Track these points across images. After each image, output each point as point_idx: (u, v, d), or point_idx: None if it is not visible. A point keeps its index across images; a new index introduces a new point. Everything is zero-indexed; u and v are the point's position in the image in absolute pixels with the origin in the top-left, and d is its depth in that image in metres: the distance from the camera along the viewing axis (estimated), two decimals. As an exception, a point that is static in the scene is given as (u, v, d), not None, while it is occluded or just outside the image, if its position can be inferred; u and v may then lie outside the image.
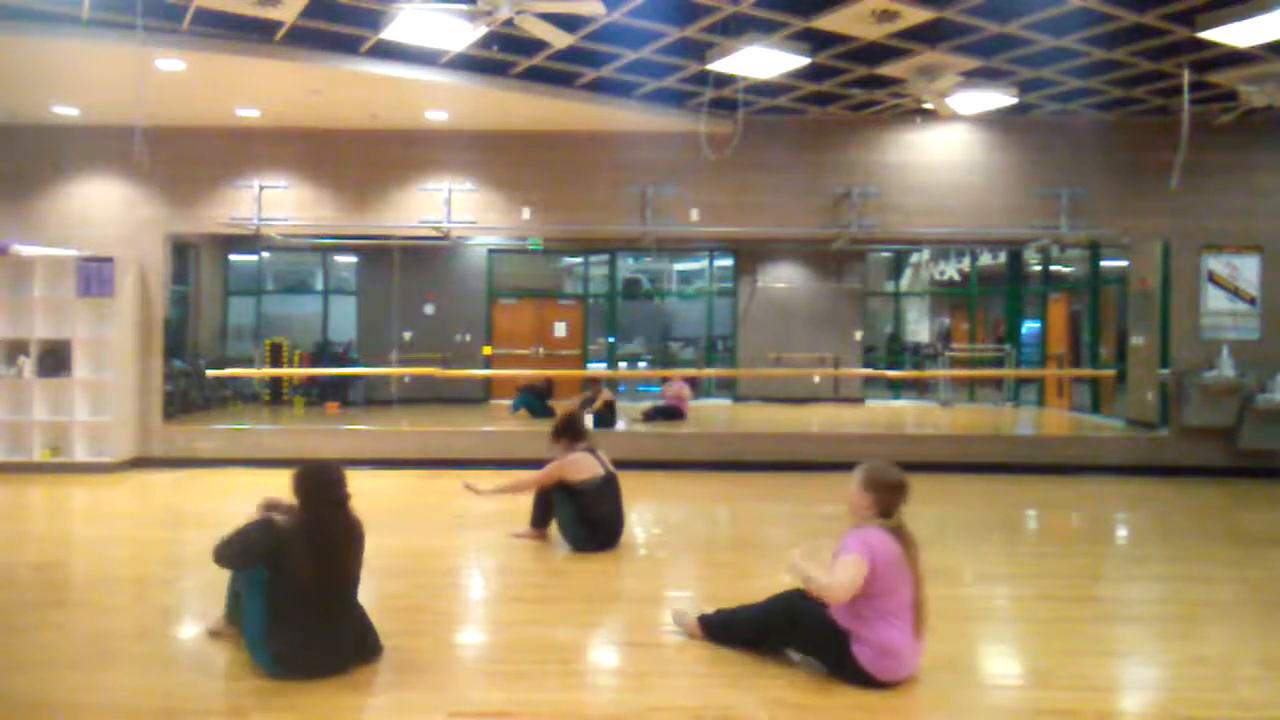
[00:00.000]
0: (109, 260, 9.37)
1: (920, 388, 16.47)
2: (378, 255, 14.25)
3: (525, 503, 6.41)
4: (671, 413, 12.49)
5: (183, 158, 9.85)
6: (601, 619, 4.95)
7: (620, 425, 11.51)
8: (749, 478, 9.41)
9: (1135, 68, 8.22)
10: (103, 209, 9.89)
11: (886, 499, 3.80)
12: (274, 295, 16.25)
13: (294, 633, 3.80)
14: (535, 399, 12.80)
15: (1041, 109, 9.65)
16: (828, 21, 7.06)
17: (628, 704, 3.68)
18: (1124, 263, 12.47)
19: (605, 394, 11.70)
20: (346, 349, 15.07)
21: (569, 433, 6.27)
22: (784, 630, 4.05)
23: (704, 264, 16.99)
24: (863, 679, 3.79)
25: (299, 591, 3.80)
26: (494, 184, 10.10)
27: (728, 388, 16.19)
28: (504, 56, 8.10)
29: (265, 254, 15.72)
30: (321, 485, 3.96)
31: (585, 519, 6.06)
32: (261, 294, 15.84)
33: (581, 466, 6.10)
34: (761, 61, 7.71)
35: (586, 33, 7.38)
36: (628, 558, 6.09)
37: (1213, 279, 9.85)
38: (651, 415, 12.44)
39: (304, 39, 7.73)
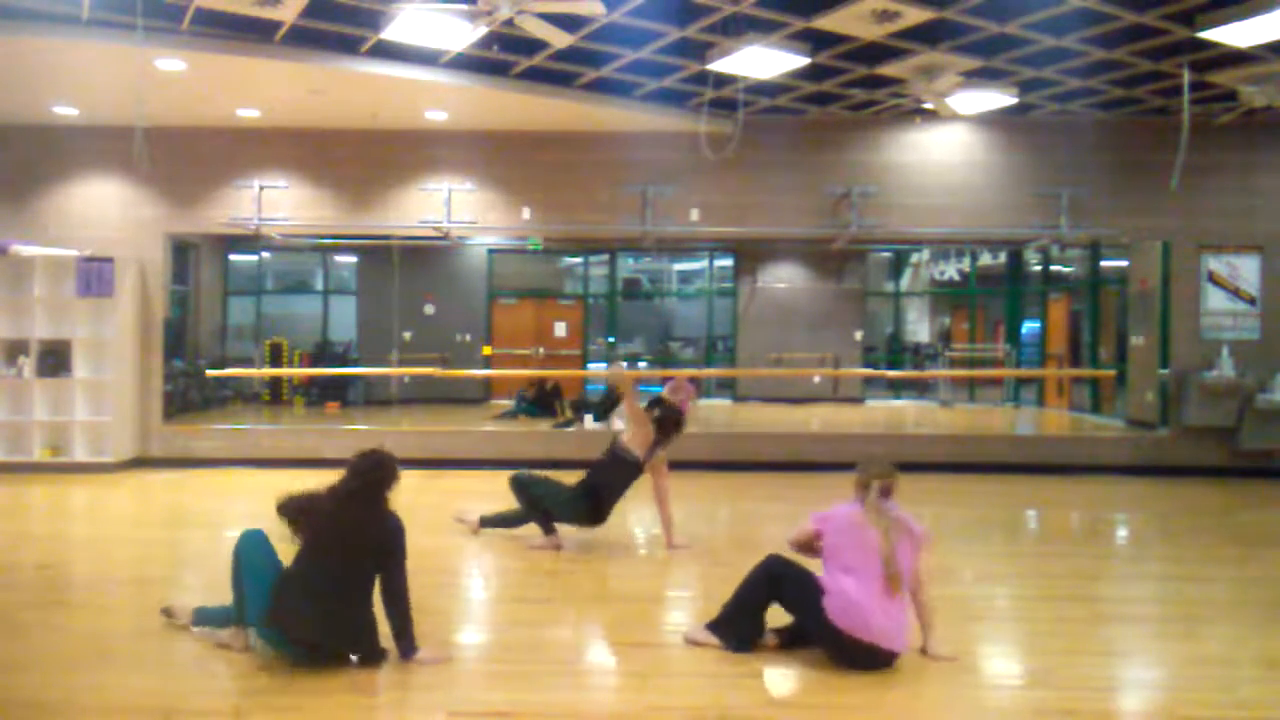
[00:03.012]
0: (109, 260, 9.37)
1: (920, 388, 16.47)
2: (378, 255, 14.24)
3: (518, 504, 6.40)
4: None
5: (183, 158, 9.85)
6: (601, 619, 4.94)
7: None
8: (749, 478, 9.41)
9: (1135, 68, 8.22)
10: (103, 209, 9.89)
11: (857, 486, 4.30)
12: (274, 295, 16.25)
13: (289, 595, 3.91)
14: (530, 403, 12.73)
15: (1041, 109, 9.64)
16: (828, 21, 7.06)
17: (628, 704, 3.68)
18: (1124, 263, 12.47)
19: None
20: (346, 349, 15.07)
21: (666, 421, 6.24)
22: (768, 590, 4.21)
23: (704, 264, 16.99)
24: (833, 634, 3.95)
25: (302, 555, 3.98)
26: (494, 184, 10.09)
27: (728, 388, 16.19)
28: (504, 56, 8.10)
29: (265, 254, 15.72)
30: (348, 469, 4.14)
31: (594, 485, 6.09)
32: (261, 294, 15.84)
33: (645, 435, 6.11)
34: (761, 61, 7.71)
35: (586, 33, 7.37)
36: (628, 558, 6.09)
37: (1213, 279, 9.85)
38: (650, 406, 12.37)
39: (304, 39, 7.72)
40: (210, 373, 12.19)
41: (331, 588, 3.94)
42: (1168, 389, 10.02)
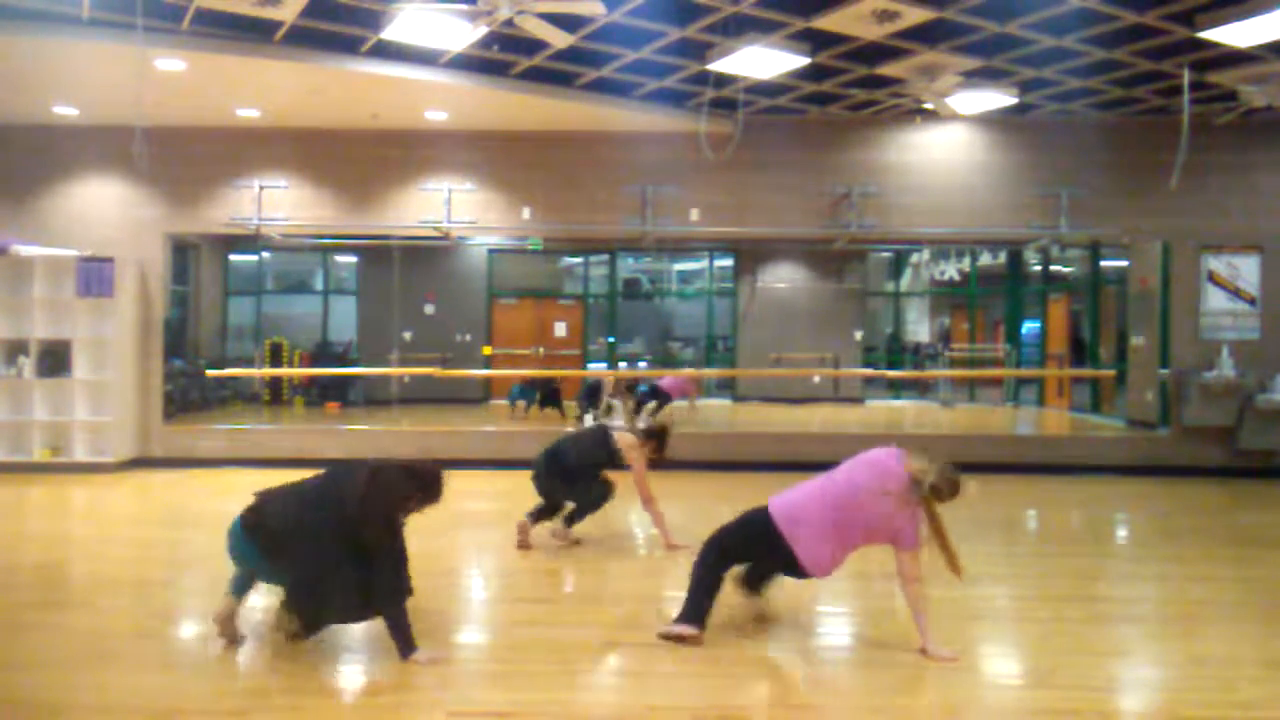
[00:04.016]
0: (109, 260, 9.37)
1: (920, 388, 16.46)
2: (378, 255, 14.22)
3: (519, 505, 6.39)
4: (663, 397, 12.16)
5: (183, 158, 9.85)
6: (601, 619, 4.94)
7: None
8: (749, 478, 9.40)
9: (1135, 68, 8.22)
10: (103, 209, 9.89)
11: (921, 472, 4.23)
12: (274, 295, 16.25)
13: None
14: (531, 391, 12.72)
15: (1041, 109, 9.64)
16: (828, 21, 7.06)
17: (628, 704, 3.68)
18: (1124, 263, 12.47)
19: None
20: (346, 349, 15.06)
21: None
22: (725, 562, 4.39)
23: (704, 264, 16.98)
24: (768, 532, 4.21)
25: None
26: (494, 184, 10.10)
27: (728, 388, 16.19)
28: (504, 56, 8.10)
29: (265, 254, 15.72)
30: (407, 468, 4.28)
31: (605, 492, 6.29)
32: (261, 294, 15.83)
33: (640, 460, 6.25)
34: (761, 61, 7.71)
35: (586, 33, 7.38)
36: (628, 558, 6.09)
37: (1213, 279, 9.85)
38: (644, 398, 12.28)
39: (304, 39, 7.72)
40: (210, 373, 12.19)
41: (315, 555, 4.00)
42: (1168, 389, 10.02)
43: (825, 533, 4.21)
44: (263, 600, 4.56)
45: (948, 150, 10.10)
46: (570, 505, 6.34)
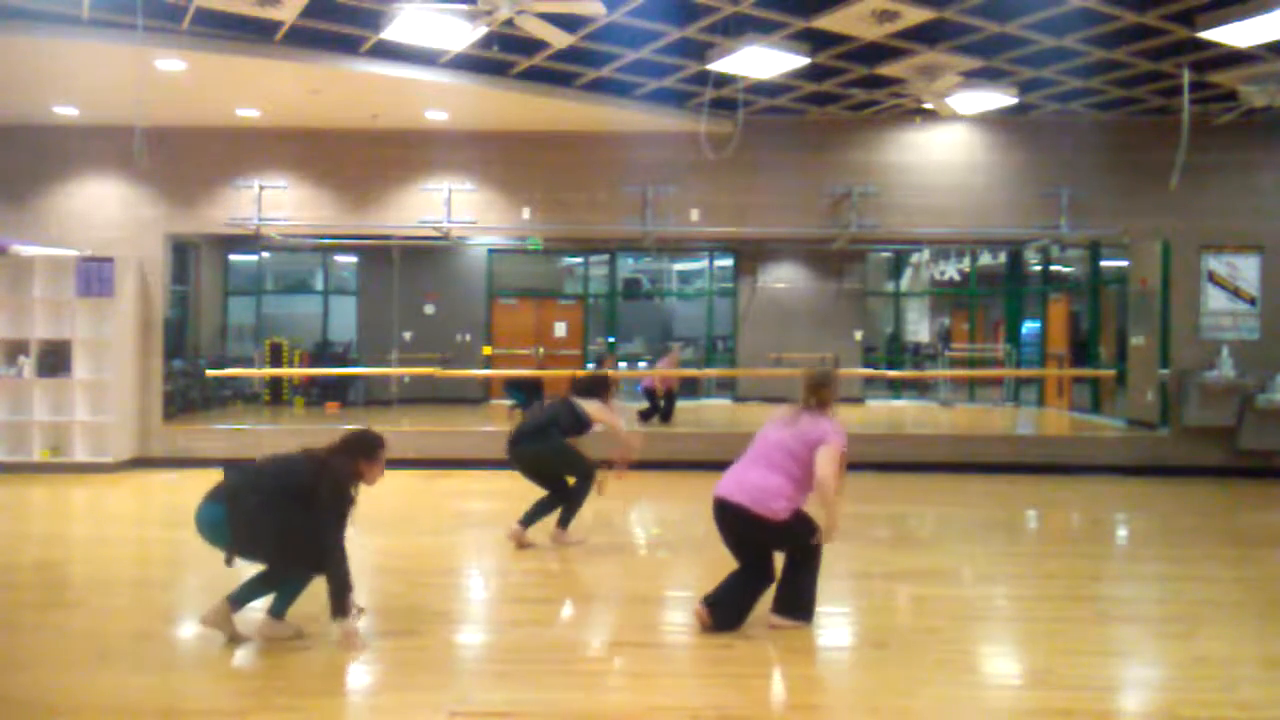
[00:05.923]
0: (109, 260, 9.37)
1: (920, 388, 16.47)
2: (378, 255, 14.25)
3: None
4: (648, 399, 12.26)
5: (183, 158, 9.85)
6: (601, 619, 4.94)
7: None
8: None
9: (1135, 68, 8.22)
10: (103, 209, 9.90)
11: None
12: (274, 295, 16.27)
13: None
14: (518, 391, 12.72)
15: (1041, 109, 9.64)
16: (828, 21, 7.07)
17: (628, 704, 3.68)
18: (1124, 263, 12.47)
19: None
20: (346, 349, 15.07)
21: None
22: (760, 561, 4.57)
23: (704, 264, 16.99)
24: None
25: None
26: (494, 184, 10.10)
27: (728, 387, 16.20)
28: (504, 56, 8.10)
29: (265, 254, 15.73)
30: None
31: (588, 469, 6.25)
32: (261, 294, 15.85)
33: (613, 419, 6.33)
34: (761, 61, 7.71)
35: (586, 33, 7.38)
36: (628, 558, 6.09)
37: (1213, 279, 9.85)
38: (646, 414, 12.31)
39: (304, 39, 7.73)
40: (210, 373, 12.20)
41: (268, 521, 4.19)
42: (1168, 389, 10.02)
43: (746, 466, 4.60)
44: (262, 602, 4.56)
45: (948, 150, 10.10)
46: (561, 501, 6.25)
